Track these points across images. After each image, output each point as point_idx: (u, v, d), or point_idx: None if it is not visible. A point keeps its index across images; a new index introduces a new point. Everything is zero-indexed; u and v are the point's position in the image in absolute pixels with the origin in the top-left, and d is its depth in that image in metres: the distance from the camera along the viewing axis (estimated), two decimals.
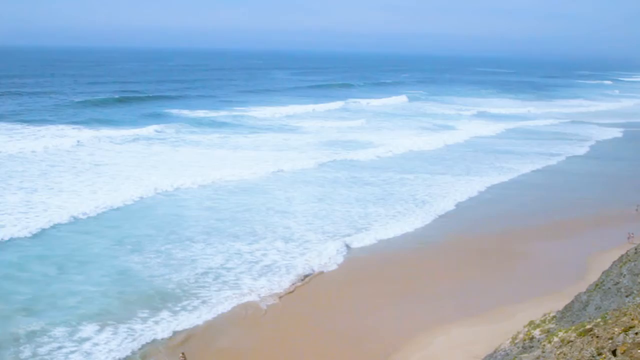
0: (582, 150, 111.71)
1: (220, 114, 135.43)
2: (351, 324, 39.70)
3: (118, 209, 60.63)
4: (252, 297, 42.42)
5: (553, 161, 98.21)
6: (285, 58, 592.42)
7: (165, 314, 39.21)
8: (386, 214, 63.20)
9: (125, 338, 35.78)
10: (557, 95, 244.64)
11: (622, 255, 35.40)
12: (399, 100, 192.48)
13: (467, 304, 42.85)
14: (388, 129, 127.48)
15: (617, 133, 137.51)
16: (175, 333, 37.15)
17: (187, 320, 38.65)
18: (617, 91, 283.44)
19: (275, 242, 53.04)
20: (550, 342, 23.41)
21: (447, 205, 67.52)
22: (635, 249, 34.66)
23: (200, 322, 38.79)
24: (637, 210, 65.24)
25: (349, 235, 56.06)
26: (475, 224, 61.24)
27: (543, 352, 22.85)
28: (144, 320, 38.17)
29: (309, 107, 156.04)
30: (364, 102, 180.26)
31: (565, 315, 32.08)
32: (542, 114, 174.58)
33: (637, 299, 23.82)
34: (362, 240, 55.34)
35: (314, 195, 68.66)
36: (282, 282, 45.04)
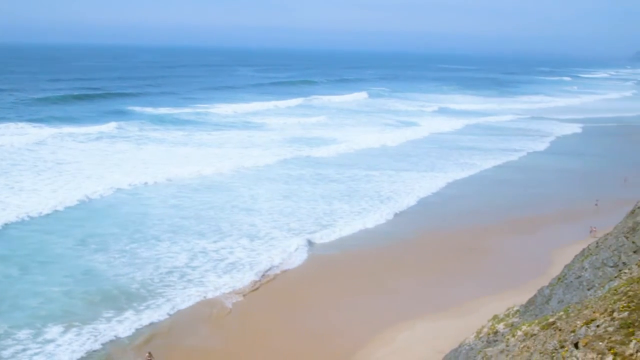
0: (542, 145, 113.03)
1: (184, 111, 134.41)
2: (316, 321, 39.81)
3: (81, 208, 60.00)
4: (218, 295, 42.36)
5: (514, 157, 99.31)
6: (252, 55, 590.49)
7: (130, 313, 38.94)
8: (351, 210, 63.42)
9: (89, 338, 35.47)
10: (518, 92, 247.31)
11: (583, 249, 35.92)
12: (360, 96, 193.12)
13: (431, 299, 43.21)
14: (351, 126, 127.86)
15: (576, 129, 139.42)
16: (140, 333, 36.95)
17: (152, 320, 38.45)
18: (575, 87, 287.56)
19: (241, 239, 52.94)
20: (514, 335, 23.70)
21: (411, 201, 67.95)
22: (597, 243, 35.19)
23: (166, 321, 38.63)
24: (596, 204, 66.29)
25: (314, 232, 56.18)
26: (439, 220, 61.72)
27: (507, 345, 23.12)
28: (109, 320, 37.88)
29: (271, 104, 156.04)
30: (325, 98, 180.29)
31: (529, 309, 32.49)
32: (503, 109, 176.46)
33: (599, 292, 24.16)
34: (327, 237, 55.52)
35: (279, 192, 68.63)
36: (247, 280, 45.00)
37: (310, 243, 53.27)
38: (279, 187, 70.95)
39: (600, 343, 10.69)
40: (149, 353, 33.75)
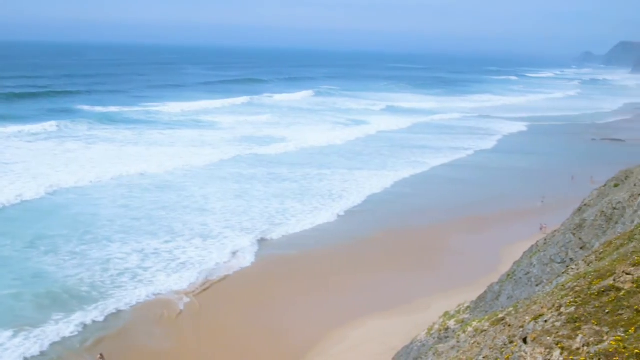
0: (490, 144, 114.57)
1: (134, 110, 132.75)
2: (269, 320, 39.84)
3: (29, 209, 58.95)
4: (169, 296, 42.11)
5: (463, 155, 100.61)
6: (204, 53, 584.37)
7: (81, 315, 38.51)
8: (303, 209, 63.51)
9: (38, 342, 35.00)
10: (466, 91, 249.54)
11: (532, 246, 36.60)
12: (307, 95, 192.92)
13: (384, 297, 43.55)
14: (302, 124, 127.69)
15: (522, 127, 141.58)
16: (92, 334, 36.64)
17: (104, 321, 38.17)
18: (521, 86, 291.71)
19: (193, 239, 52.63)
20: (464, 332, 24.04)
21: (363, 200, 68.39)
22: (545, 240, 35.85)
23: (117, 322, 38.32)
24: (542, 202, 67.49)
25: (266, 231, 56.21)
26: (391, 219, 62.11)
27: (458, 341, 23.44)
28: (59, 322, 37.39)
29: (220, 102, 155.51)
30: (275, 97, 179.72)
31: (479, 305, 32.96)
32: (451, 108, 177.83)
33: (547, 288, 24.60)
34: (280, 236, 55.65)
35: (231, 192, 68.34)
36: (199, 280, 44.87)
37: (262, 242, 53.34)
38: (230, 187, 70.65)
39: (548, 338, 10.93)
40: (101, 354, 33.42)
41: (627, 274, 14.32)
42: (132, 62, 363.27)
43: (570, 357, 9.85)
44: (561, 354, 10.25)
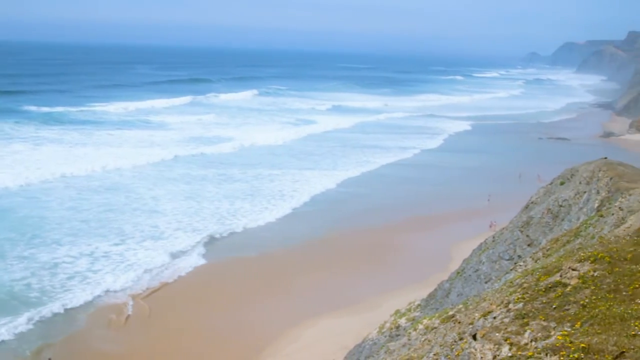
0: (436, 143, 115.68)
1: (81, 110, 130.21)
2: (221, 321, 39.72)
3: None
4: (119, 299, 41.62)
5: (409, 154, 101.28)
6: (153, 52, 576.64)
7: (28, 320, 37.81)
8: (253, 209, 63.32)
9: None
10: (413, 90, 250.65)
11: (481, 244, 37.14)
12: (255, 94, 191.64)
13: (336, 296, 43.72)
14: (250, 124, 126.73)
15: (467, 126, 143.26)
16: (40, 339, 36.04)
17: (53, 326, 37.57)
18: (467, 86, 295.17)
19: (144, 242, 52.07)
20: (415, 329, 24.28)
21: (313, 200, 68.43)
22: (493, 237, 36.41)
23: (67, 326, 37.83)
24: (488, 200, 68.49)
25: (217, 232, 55.94)
26: (341, 219, 62.29)
27: (409, 339, 23.66)
28: (5, 327, 36.63)
29: (167, 102, 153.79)
30: (222, 96, 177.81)
31: (430, 303, 33.31)
32: (398, 107, 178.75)
33: (496, 284, 24.99)
34: (231, 237, 55.45)
35: (182, 193, 67.71)
36: (150, 283, 44.53)
37: (213, 243, 53.13)
38: (181, 188, 70.02)
39: (497, 334, 11.09)
40: (49, 359, 32.90)
41: (573, 269, 14.61)
42: (79, 61, 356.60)
43: (519, 353, 10.02)
44: (510, 349, 10.42)
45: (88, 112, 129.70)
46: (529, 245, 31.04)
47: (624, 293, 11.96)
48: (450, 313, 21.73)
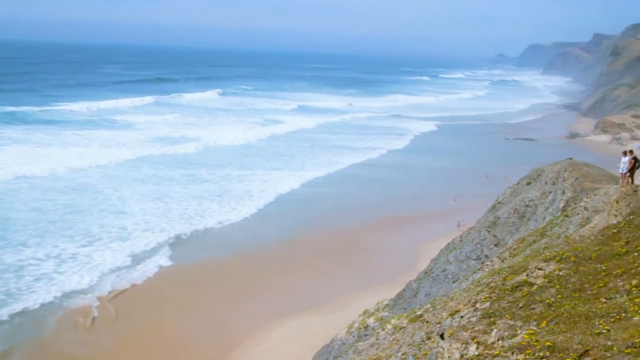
0: (402, 143, 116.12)
1: (47, 110, 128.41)
2: (189, 323, 39.50)
3: None
4: (87, 301, 41.18)
5: (375, 154, 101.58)
6: (120, 52, 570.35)
7: None
8: (222, 210, 63.02)
9: None
10: (379, 91, 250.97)
11: (448, 244, 37.41)
12: (221, 94, 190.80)
13: (304, 297, 43.72)
14: (217, 124, 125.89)
15: (433, 127, 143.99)
16: (5, 342, 35.45)
17: (18, 328, 37.02)
18: (433, 86, 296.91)
19: (111, 243, 51.58)
20: (383, 329, 24.37)
21: (281, 201, 68.33)
22: (461, 237, 36.69)
23: (33, 329, 37.30)
24: (454, 200, 69.02)
25: (185, 233, 55.51)
26: (309, 220, 62.25)
27: (377, 339, 23.73)
28: None
29: (132, 101, 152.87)
30: (188, 96, 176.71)
31: (398, 303, 33.46)
32: (364, 108, 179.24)
33: (463, 284, 25.16)
34: (198, 238, 55.09)
35: (149, 194, 67.10)
36: (119, 284, 44.14)
37: (181, 245, 52.77)
38: (148, 189, 69.40)
39: (464, 333, 11.17)
40: None
41: (539, 269, 14.77)
42: (45, 60, 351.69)
43: (486, 352, 10.10)
44: (477, 348, 10.50)
45: (53, 111, 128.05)
46: (495, 245, 31.32)
47: (589, 292, 12.11)
48: (418, 313, 21.84)
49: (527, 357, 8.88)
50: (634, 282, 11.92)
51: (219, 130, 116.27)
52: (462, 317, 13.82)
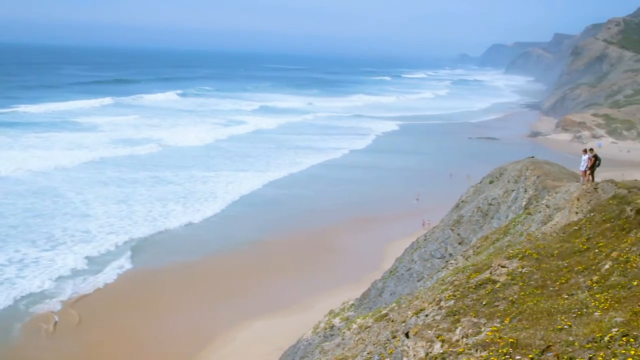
0: (364, 143, 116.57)
1: (6, 112, 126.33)
2: (154, 326, 39.21)
3: None
4: (49, 306, 40.61)
5: (338, 154, 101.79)
6: (82, 53, 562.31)
7: None
8: (185, 212, 62.55)
9: None
10: (342, 91, 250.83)
11: (413, 243, 37.58)
12: (184, 95, 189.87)
13: (270, 299, 43.64)
14: (181, 125, 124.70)
15: (395, 126, 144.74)
16: None
17: None
18: (395, 86, 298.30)
19: (74, 247, 50.98)
20: (349, 329, 24.41)
21: (247, 202, 68.12)
22: (425, 236, 36.88)
23: None
24: (417, 199, 69.49)
25: (148, 236, 55.10)
26: (275, 220, 62.14)
27: (343, 339, 23.78)
28: None
29: (94, 102, 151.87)
30: (151, 97, 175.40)
31: (363, 302, 33.55)
32: (326, 107, 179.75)
33: (428, 282, 25.31)
34: (162, 240, 54.65)
35: (113, 197, 66.26)
36: (83, 288, 43.61)
37: (144, 248, 52.24)
38: (112, 191, 68.55)
39: (429, 331, 11.23)
40: None
41: (503, 266, 14.92)
42: (4, 61, 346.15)
43: (450, 349, 10.16)
44: (442, 346, 10.56)
45: (13, 113, 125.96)
46: (459, 243, 31.54)
47: (551, 288, 12.25)
48: (384, 312, 21.92)
49: (491, 354, 8.94)
50: (595, 278, 12.09)
51: (182, 132, 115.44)
52: (426, 315, 13.90)
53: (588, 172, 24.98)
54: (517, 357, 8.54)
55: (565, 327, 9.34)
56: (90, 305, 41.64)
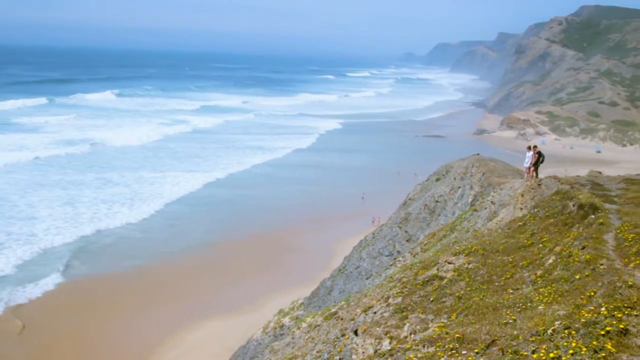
0: (308, 142, 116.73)
1: None
2: (100, 333, 38.58)
3: None
4: None
5: (280, 154, 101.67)
6: (25, 53, 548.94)
7: None
8: (130, 214, 61.62)
9: None
10: (285, 89, 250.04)
11: (361, 241, 37.76)
12: (125, 95, 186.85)
13: (218, 300, 43.49)
14: (127, 126, 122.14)
15: (337, 125, 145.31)
16: None
17: None
18: (338, 85, 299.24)
19: (17, 250, 49.64)
20: (299, 328, 24.42)
21: (194, 202, 67.53)
22: (373, 234, 37.09)
23: None
24: (362, 197, 69.94)
25: (95, 239, 54.19)
26: (222, 221, 61.89)
27: (293, 338, 23.78)
28: None
29: (33, 102, 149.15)
30: (89, 97, 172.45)
31: (312, 301, 33.61)
32: (270, 106, 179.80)
33: (376, 280, 25.45)
34: (108, 244, 53.63)
35: (59, 199, 64.74)
36: (26, 295, 42.59)
37: (89, 252, 51.36)
38: (57, 194, 66.95)
39: (378, 328, 11.29)
40: None
41: (449, 263, 15.09)
42: None
43: (398, 346, 10.24)
44: (390, 343, 10.63)
45: None
46: (407, 240, 31.81)
47: (497, 283, 12.43)
48: (333, 310, 21.99)
49: (438, 349, 9.04)
50: (539, 272, 12.31)
51: (124, 132, 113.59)
52: (375, 313, 13.98)
53: (532, 168, 25.44)
54: (464, 352, 8.65)
55: (510, 321, 9.49)
56: (34, 310, 40.82)
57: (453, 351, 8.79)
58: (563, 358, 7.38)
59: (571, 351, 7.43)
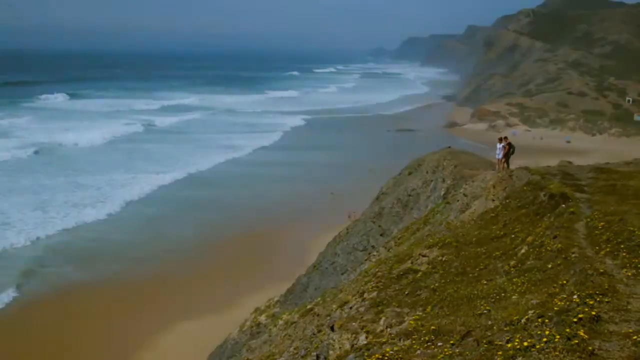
0: (272, 139, 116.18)
1: None
2: (80, 337, 38.14)
3: None
4: None
5: (245, 152, 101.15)
6: None
7: None
8: (98, 218, 60.85)
9: None
10: (250, 87, 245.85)
11: (335, 236, 37.84)
12: (77, 97, 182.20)
13: (195, 300, 43.28)
14: (95, 128, 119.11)
15: (300, 121, 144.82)
16: None
17: None
18: (303, 81, 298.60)
19: None
20: (275, 325, 24.43)
21: (166, 204, 67.05)
22: (347, 229, 37.19)
23: None
24: (331, 194, 70.18)
25: (69, 242, 53.62)
26: (194, 221, 61.31)
27: (270, 336, 23.78)
28: None
29: None
30: (51, 99, 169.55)
31: (288, 298, 33.63)
32: (234, 103, 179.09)
33: (352, 275, 25.53)
34: (83, 247, 53.00)
35: (30, 204, 63.71)
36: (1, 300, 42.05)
37: (65, 255, 50.76)
38: (28, 199, 65.86)
39: (354, 323, 11.34)
40: None
41: (423, 256, 15.19)
42: None
43: (374, 340, 10.29)
44: (366, 337, 10.67)
45: None
46: (381, 235, 31.93)
47: (470, 275, 12.54)
48: (309, 307, 22.00)
49: (414, 342, 9.09)
50: (512, 262, 12.43)
51: (88, 133, 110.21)
52: (351, 308, 14.03)
53: (503, 160, 25.67)
54: (439, 344, 8.71)
55: (485, 311, 9.57)
56: (8, 316, 40.36)
57: (429, 343, 8.85)
58: (537, 346, 7.46)
59: (545, 339, 7.51)
